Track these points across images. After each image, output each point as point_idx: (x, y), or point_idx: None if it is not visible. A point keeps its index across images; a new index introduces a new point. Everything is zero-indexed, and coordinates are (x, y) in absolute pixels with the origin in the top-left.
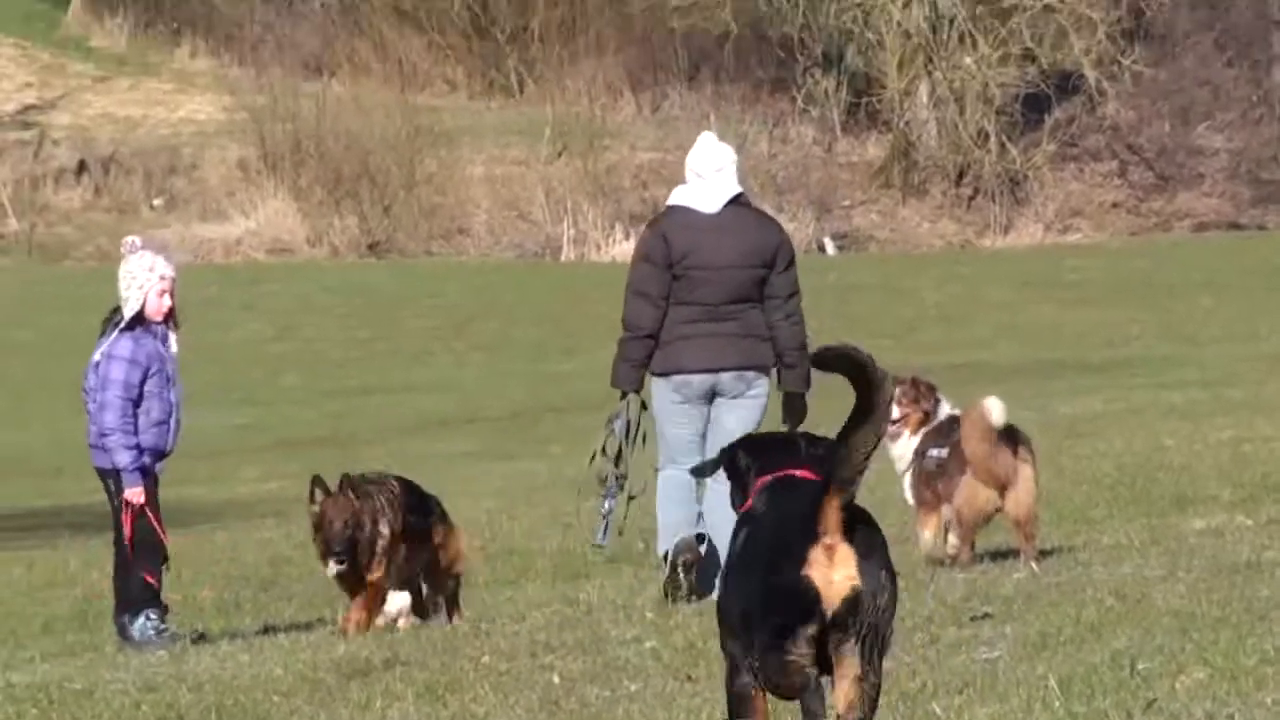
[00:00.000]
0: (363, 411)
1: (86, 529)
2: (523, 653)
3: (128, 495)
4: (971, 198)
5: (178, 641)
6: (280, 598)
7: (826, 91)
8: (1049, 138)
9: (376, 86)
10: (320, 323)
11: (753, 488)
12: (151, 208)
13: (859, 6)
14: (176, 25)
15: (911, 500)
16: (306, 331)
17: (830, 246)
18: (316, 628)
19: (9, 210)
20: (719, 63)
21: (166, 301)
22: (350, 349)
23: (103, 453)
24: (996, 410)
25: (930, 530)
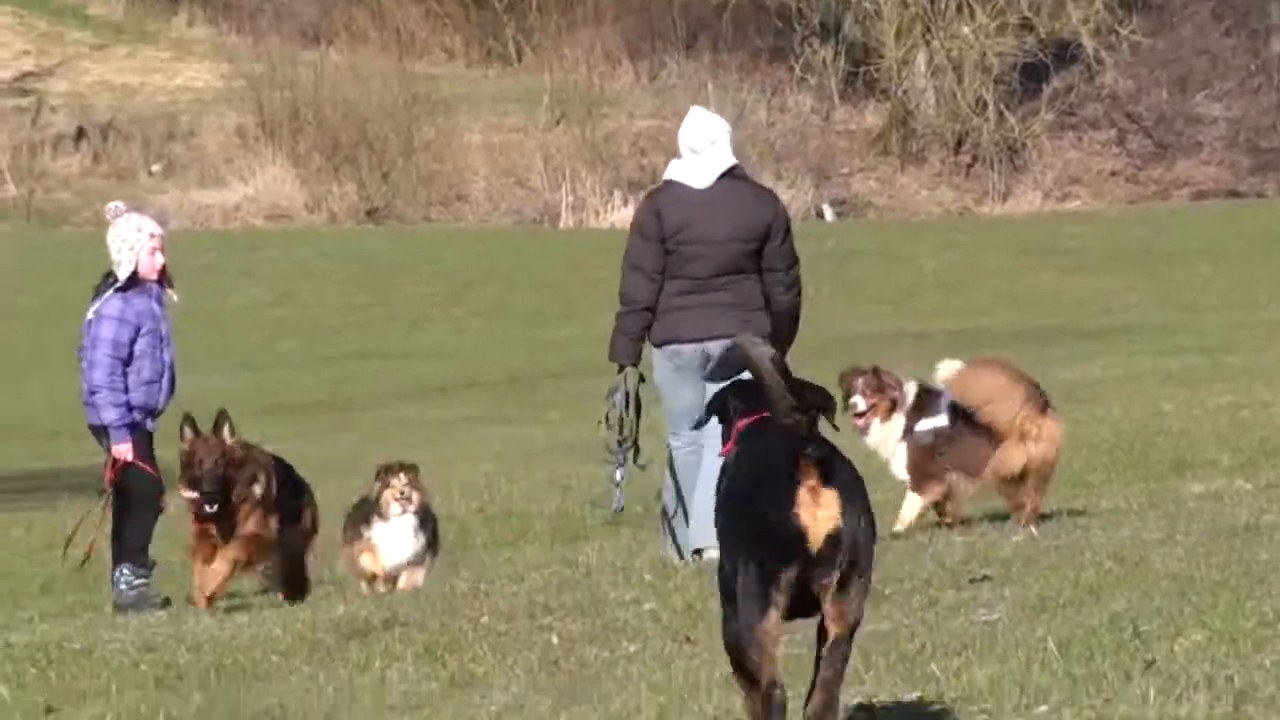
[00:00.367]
0: (361, 377)
1: (85, 490)
2: (521, 614)
3: (115, 452)
4: (970, 165)
5: (148, 603)
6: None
7: (824, 60)
8: (1047, 106)
9: (374, 54)
10: (319, 289)
11: (736, 428)
12: (150, 174)
13: None
14: None
15: (906, 475)
16: (305, 297)
17: (829, 213)
18: (314, 588)
19: (7, 176)
20: (717, 31)
21: (158, 259)
22: (348, 315)
23: (94, 410)
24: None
25: (928, 499)
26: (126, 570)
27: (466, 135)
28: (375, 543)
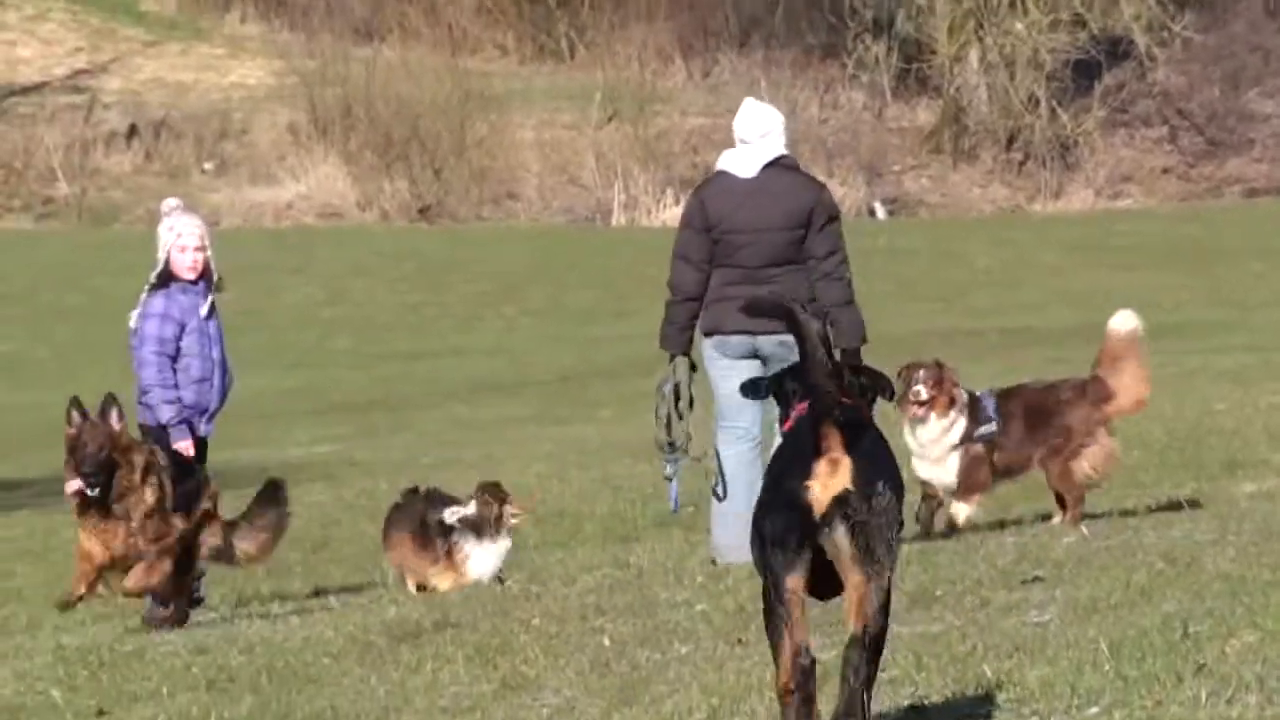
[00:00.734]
0: (413, 375)
1: None
2: (573, 615)
3: (182, 448)
4: (1022, 163)
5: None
6: (330, 560)
7: (877, 57)
8: (1099, 103)
9: (427, 51)
10: (370, 287)
11: (794, 411)
12: (202, 171)
13: None
14: None
15: (954, 480)
16: (357, 295)
17: (880, 211)
18: (367, 590)
19: (59, 174)
20: (769, 28)
21: (189, 259)
22: (400, 313)
23: (147, 409)
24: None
25: (974, 506)
26: None
27: (519, 132)
28: (469, 555)
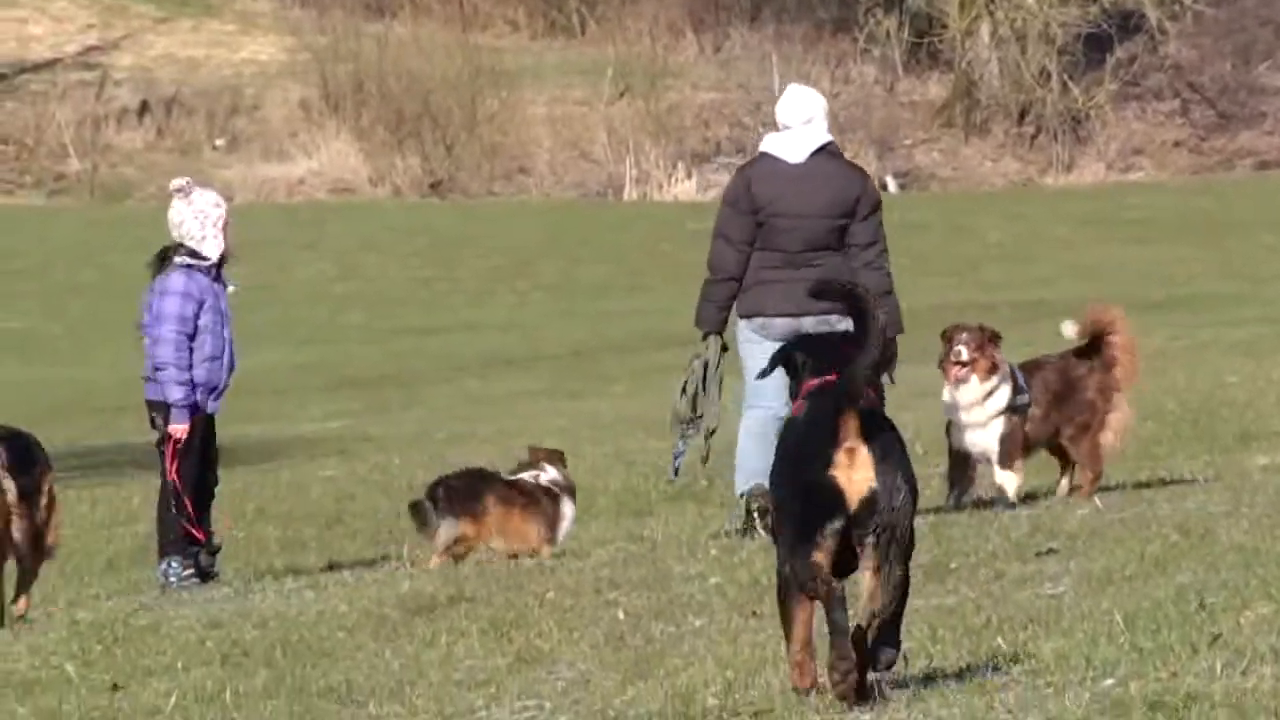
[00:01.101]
0: (425, 350)
1: (149, 466)
2: (587, 589)
3: (172, 429)
4: (1034, 136)
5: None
6: (344, 535)
7: (888, 31)
8: (1111, 77)
9: (438, 27)
10: (383, 262)
11: (804, 387)
12: (214, 148)
13: None
14: None
15: (996, 447)
16: (369, 271)
17: (892, 184)
18: (381, 564)
19: (71, 150)
20: (781, 2)
21: (227, 236)
22: (413, 288)
23: (154, 386)
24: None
25: (1019, 474)
26: (175, 564)
27: (530, 108)
28: (566, 519)
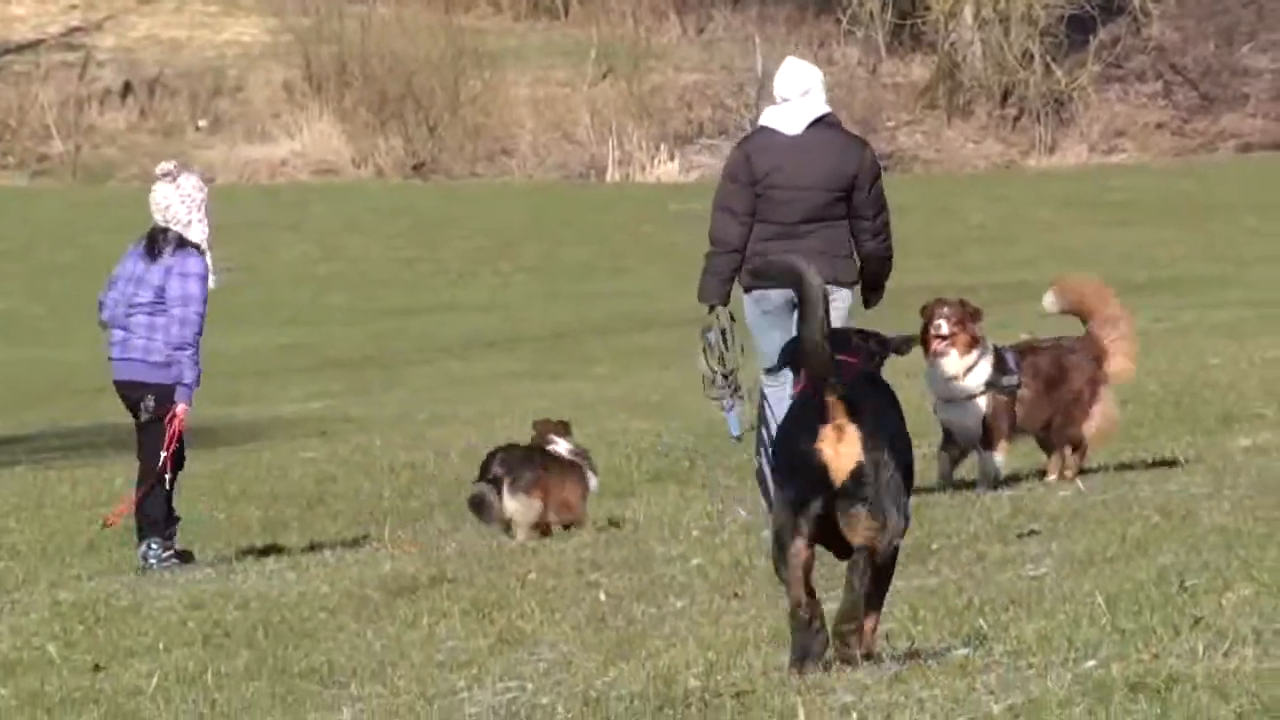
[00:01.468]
0: (408, 331)
1: (130, 447)
2: (569, 570)
3: (183, 410)
4: (1016, 118)
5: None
6: (326, 516)
7: (871, 13)
8: (1094, 58)
9: (421, 8)
10: (365, 243)
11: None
12: (197, 129)
13: None
14: None
15: (975, 426)
16: (352, 252)
17: None
18: (362, 545)
19: (54, 131)
20: None
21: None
22: (396, 269)
23: (161, 368)
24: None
25: (1004, 454)
26: (155, 544)
27: (513, 89)
28: (592, 489)
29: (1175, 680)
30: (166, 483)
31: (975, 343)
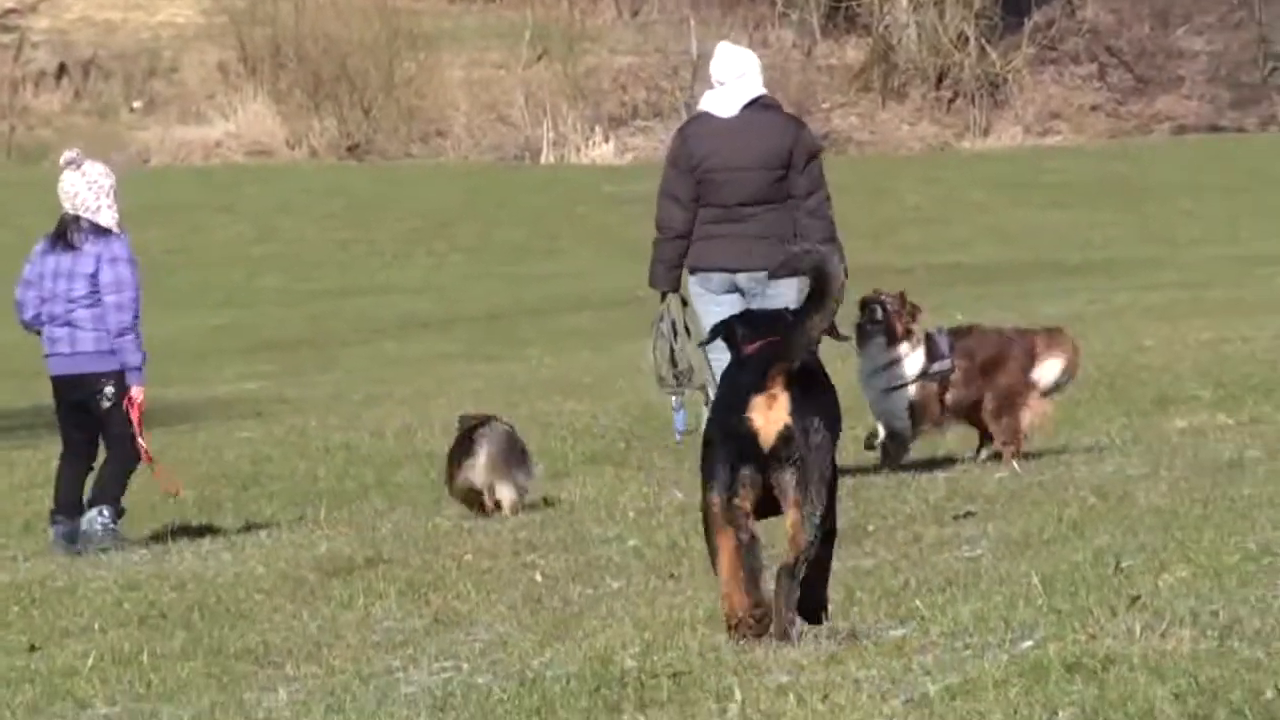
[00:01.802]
0: (342, 312)
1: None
2: (505, 551)
3: (138, 392)
4: (951, 100)
5: (117, 542)
6: (261, 496)
7: None
8: (1028, 40)
9: None
10: (299, 225)
11: (744, 350)
12: (131, 110)
13: None
14: None
15: (902, 414)
16: (286, 233)
17: None
18: (297, 526)
19: None
20: None
21: None
22: (330, 250)
23: (107, 356)
24: None
25: (915, 439)
26: (107, 511)
27: (447, 71)
28: None
29: (1112, 661)
30: (130, 467)
31: (909, 334)
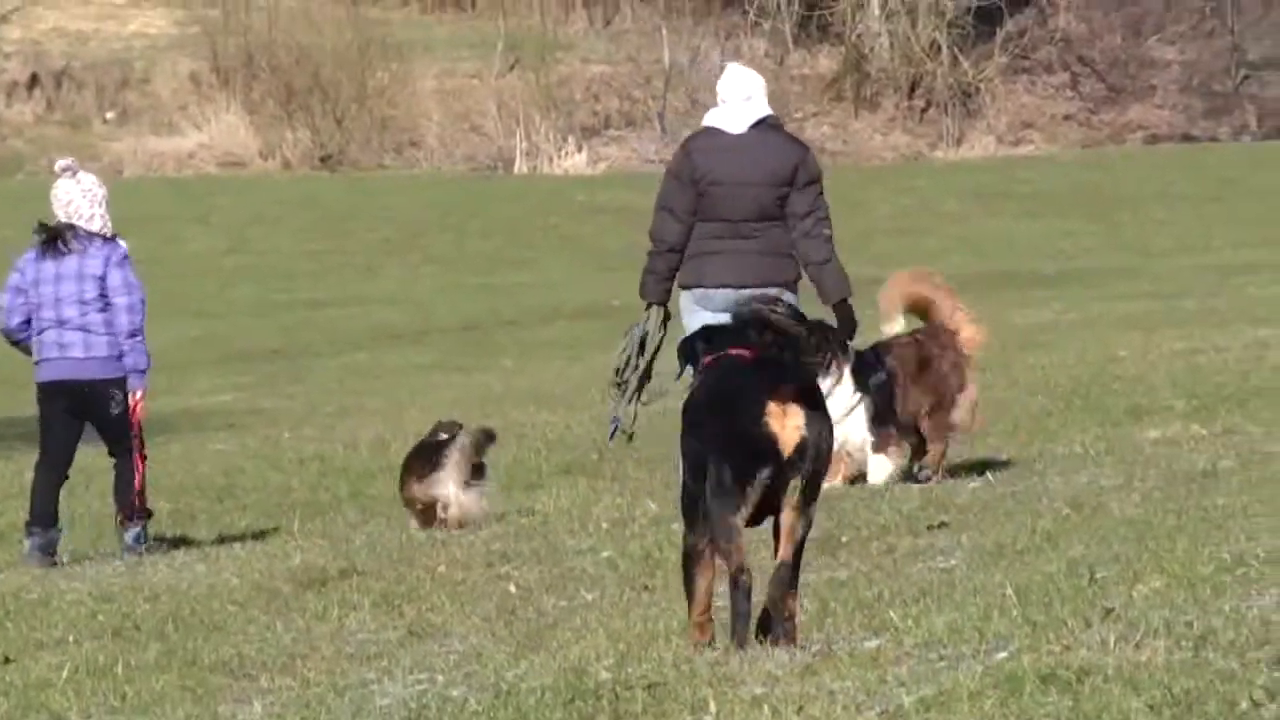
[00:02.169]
0: (315, 324)
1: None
2: (479, 562)
3: (142, 397)
4: (924, 110)
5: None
6: (235, 508)
7: (779, 4)
8: (1001, 50)
9: (327, 0)
10: (272, 235)
11: (701, 364)
12: (104, 121)
13: None
14: None
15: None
16: (259, 244)
17: None
18: (271, 538)
19: None
20: None
21: None
22: (303, 261)
23: (115, 362)
24: None
25: (899, 457)
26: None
27: (420, 81)
28: None
29: (1086, 672)
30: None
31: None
